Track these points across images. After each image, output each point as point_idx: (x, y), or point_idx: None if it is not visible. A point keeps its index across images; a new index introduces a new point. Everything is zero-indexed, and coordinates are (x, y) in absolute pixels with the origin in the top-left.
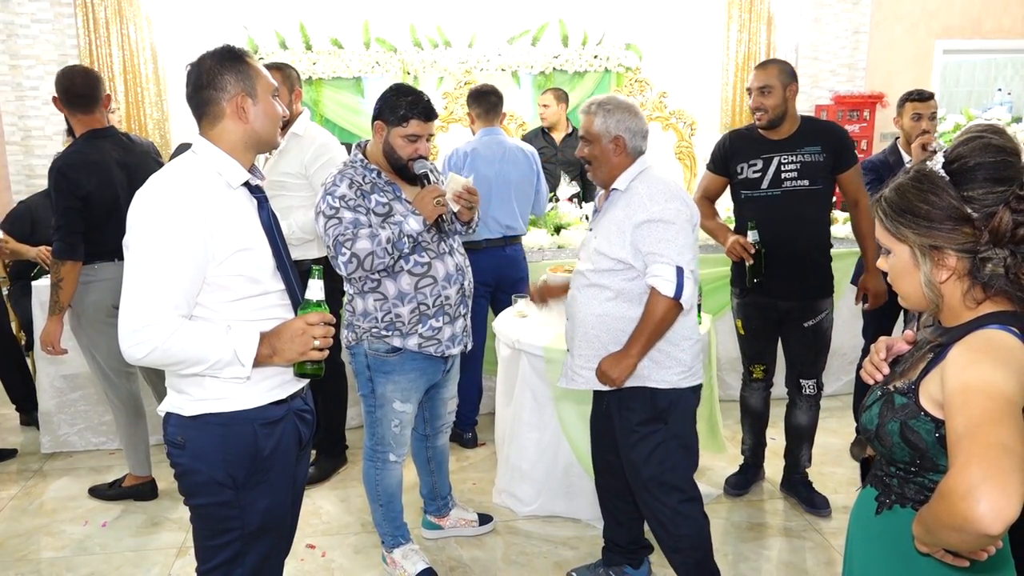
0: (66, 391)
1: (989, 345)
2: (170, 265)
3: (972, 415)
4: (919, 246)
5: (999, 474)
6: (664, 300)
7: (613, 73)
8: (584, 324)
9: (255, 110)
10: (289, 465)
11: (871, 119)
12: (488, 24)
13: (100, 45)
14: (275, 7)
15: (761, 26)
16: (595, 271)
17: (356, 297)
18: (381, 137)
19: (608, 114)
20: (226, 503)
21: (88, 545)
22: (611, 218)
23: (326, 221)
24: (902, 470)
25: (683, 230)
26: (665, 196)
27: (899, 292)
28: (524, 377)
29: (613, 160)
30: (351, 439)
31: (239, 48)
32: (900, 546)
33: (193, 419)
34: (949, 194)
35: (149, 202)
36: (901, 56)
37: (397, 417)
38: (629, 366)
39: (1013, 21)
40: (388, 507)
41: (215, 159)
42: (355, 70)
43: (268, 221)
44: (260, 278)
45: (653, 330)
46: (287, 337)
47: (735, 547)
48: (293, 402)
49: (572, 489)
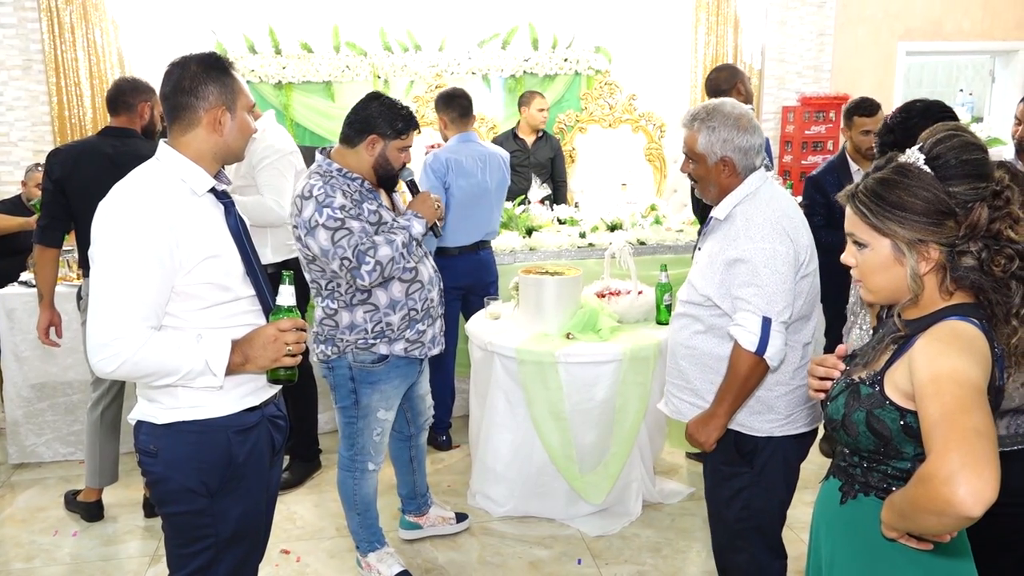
0: (34, 400)
1: (954, 335)
2: (136, 276)
3: (945, 403)
4: (907, 240)
5: (976, 459)
6: (746, 355)
7: (583, 76)
8: (674, 353)
9: (231, 124)
10: (263, 472)
11: (837, 120)
12: (458, 28)
13: (65, 50)
14: (243, 11)
15: (728, 29)
16: (688, 302)
17: (341, 311)
18: (374, 150)
19: (712, 132)
20: (199, 511)
21: (58, 555)
22: (707, 249)
23: (332, 234)
24: (866, 459)
25: (778, 275)
26: (763, 233)
27: (870, 286)
28: (497, 379)
29: (723, 182)
30: (324, 443)
31: (226, 59)
32: (866, 534)
33: (166, 427)
34: (936, 189)
35: (112, 212)
36: (865, 58)
37: (380, 426)
38: (717, 427)
39: (973, 23)
40: (365, 515)
41: (179, 166)
42: (325, 74)
43: (236, 226)
44: (230, 285)
45: (740, 388)
46: (259, 344)
47: (705, 543)
48: (266, 408)
49: (546, 489)
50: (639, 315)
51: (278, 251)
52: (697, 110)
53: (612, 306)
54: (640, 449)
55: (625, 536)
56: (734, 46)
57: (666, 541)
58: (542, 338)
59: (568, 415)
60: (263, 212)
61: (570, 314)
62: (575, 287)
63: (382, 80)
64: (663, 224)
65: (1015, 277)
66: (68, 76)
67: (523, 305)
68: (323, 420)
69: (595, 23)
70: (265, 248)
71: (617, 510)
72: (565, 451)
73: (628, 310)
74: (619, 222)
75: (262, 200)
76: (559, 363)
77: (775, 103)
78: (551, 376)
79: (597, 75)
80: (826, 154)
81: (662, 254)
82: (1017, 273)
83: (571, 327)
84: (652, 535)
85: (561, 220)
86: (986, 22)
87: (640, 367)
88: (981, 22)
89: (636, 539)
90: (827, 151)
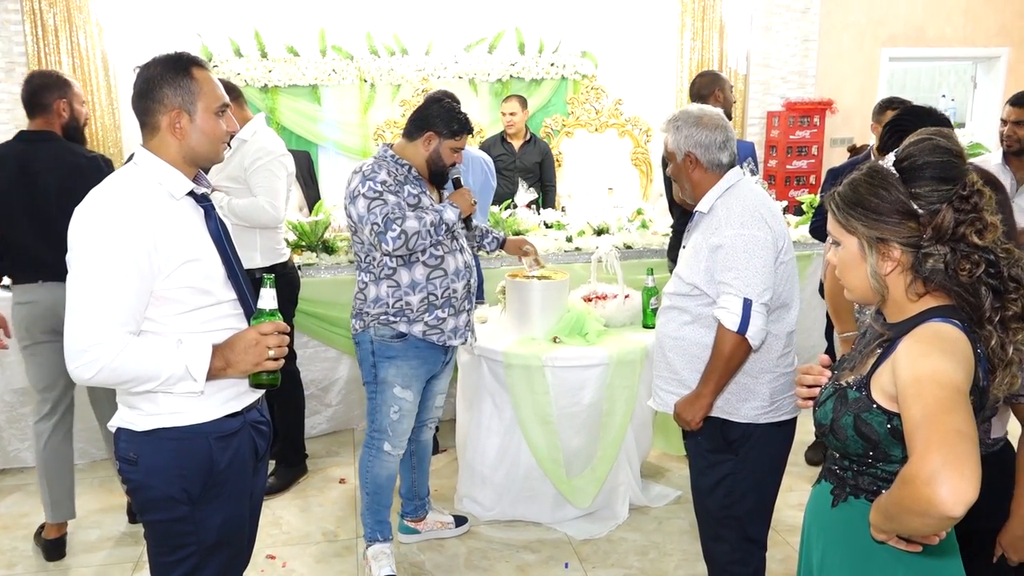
0: (16, 405)
1: (936, 336)
2: (114, 281)
3: (927, 404)
4: (867, 238)
5: (957, 459)
6: (729, 335)
7: (570, 80)
8: (662, 345)
9: (191, 127)
10: (245, 478)
11: (821, 125)
12: (445, 32)
13: (49, 52)
14: (229, 14)
15: (714, 35)
16: (675, 294)
17: (370, 284)
18: (430, 145)
19: (677, 130)
20: (181, 519)
21: (41, 561)
22: (693, 241)
23: (369, 203)
24: (855, 462)
25: (757, 258)
26: (742, 219)
27: (846, 284)
28: (484, 382)
29: (693, 178)
30: (311, 448)
31: (191, 57)
32: (857, 536)
33: (146, 434)
34: (898, 190)
35: (88, 217)
36: (849, 63)
37: (396, 403)
38: (703, 407)
39: (955, 30)
40: (374, 497)
41: (156, 170)
42: (311, 78)
43: (216, 230)
44: (210, 289)
45: (723, 368)
46: (240, 348)
47: (694, 545)
48: (249, 414)
49: (533, 493)
50: (626, 319)
51: (267, 255)
52: (670, 115)
53: (599, 310)
54: (627, 453)
55: (612, 539)
56: (719, 51)
57: (653, 544)
58: (529, 342)
59: (555, 419)
60: (258, 214)
61: (557, 318)
62: (562, 291)
63: (368, 84)
64: (649, 228)
65: (983, 283)
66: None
67: (510, 309)
68: (310, 424)
69: (581, 28)
70: (254, 252)
71: (604, 514)
72: (552, 455)
73: (615, 314)
74: (606, 226)
75: (256, 202)
76: (546, 367)
77: (760, 108)
78: (538, 380)
79: (583, 80)
80: (810, 159)
81: (648, 258)
82: (984, 279)
83: (558, 331)
84: (639, 538)
85: (548, 224)
86: (968, 29)
87: (627, 371)
88: (963, 29)
89: (623, 542)
90: (811, 155)
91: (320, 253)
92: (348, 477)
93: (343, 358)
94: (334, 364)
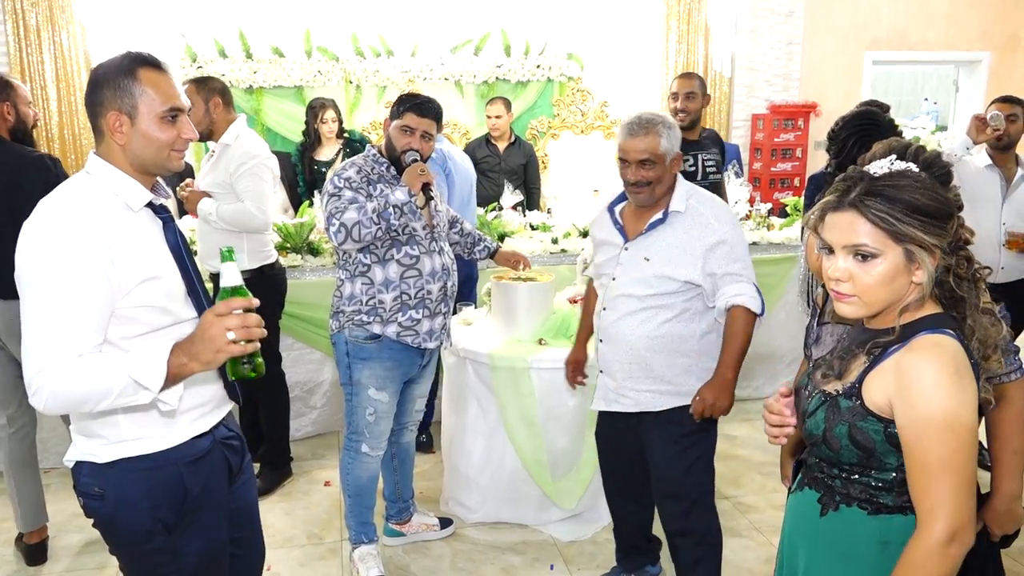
0: None
1: (940, 352)
2: (66, 303)
3: (942, 456)
4: (927, 245)
5: (967, 517)
6: (751, 317)
7: (555, 82)
8: (633, 348)
9: (132, 132)
10: (221, 500)
11: (805, 127)
12: (430, 34)
13: (31, 53)
14: (214, 14)
15: (699, 38)
16: (655, 295)
17: (346, 282)
18: (386, 133)
19: (671, 131)
20: (158, 550)
21: (23, 566)
22: (672, 241)
23: (328, 199)
24: (847, 470)
25: (747, 249)
26: (728, 217)
27: (869, 300)
28: (470, 384)
29: (672, 180)
30: (296, 451)
31: (140, 57)
32: (849, 545)
33: (110, 465)
34: (940, 191)
35: (37, 231)
36: (833, 67)
37: (372, 405)
38: (732, 389)
39: (937, 34)
40: (356, 500)
41: (110, 179)
42: (296, 79)
43: (176, 243)
44: (170, 307)
45: (743, 348)
46: (198, 337)
47: None
48: (217, 431)
49: (518, 495)
50: None
51: (254, 257)
52: (649, 117)
53: None
54: None
55: (597, 541)
56: (704, 54)
57: None
58: (514, 344)
59: (540, 421)
60: (246, 219)
61: (543, 320)
62: (547, 293)
63: (354, 85)
64: None
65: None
66: (34, 80)
67: (495, 311)
68: (295, 427)
69: (567, 30)
70: (241, 254)
71: (589, 515)
72: (537, 456)
73: None
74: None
75: (243, 207)
76: (531, 368)
77: (745, 111)
78: (523, 382)
79: (569, 82)
80: (794, 161)
81: None
82: (974, 276)
83: (543, 333)
84: None
85: (533, 226)
86: (950, 33)
87: None
88: (946, 33)
89: (608, 544)
90: (796, 158)
91: (305, 255)
92: (333, 480)
93: (328, 361)
94: (319, 366)
